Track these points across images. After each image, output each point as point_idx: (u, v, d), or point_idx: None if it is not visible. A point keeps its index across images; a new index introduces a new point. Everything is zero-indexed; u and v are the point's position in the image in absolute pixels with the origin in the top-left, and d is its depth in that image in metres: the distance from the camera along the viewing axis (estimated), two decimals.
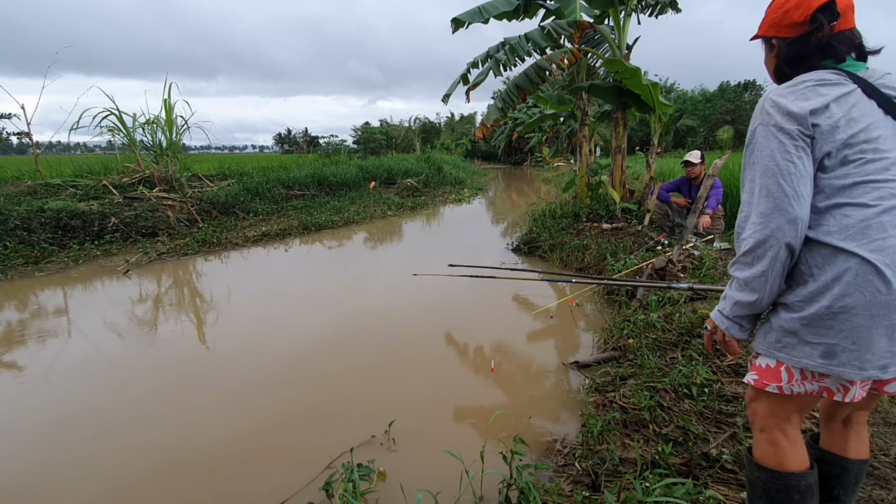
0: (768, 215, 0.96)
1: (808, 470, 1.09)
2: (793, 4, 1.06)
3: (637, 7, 6.23)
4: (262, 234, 6.71)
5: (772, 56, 1.15)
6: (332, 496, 1.60)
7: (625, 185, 6.52)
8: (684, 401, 2.00)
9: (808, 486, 1.08)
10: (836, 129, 0.96)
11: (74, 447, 2.06)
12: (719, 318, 1.10)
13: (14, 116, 8.00)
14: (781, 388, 1.04)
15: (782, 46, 1.10)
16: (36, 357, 2.98)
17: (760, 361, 1.09)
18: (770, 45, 1.15)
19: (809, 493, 1.09)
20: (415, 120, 34.24)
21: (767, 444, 1.11)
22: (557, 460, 1.84)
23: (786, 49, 1.10)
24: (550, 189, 13.39)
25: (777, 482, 1.09)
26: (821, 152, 0.98)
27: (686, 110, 27.69)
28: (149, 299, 4.12)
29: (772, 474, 1.10)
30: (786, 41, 1.09)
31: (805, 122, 0.96)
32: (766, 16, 1.14)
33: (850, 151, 0.97)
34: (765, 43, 1.18)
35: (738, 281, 1.04)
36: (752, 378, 1.10)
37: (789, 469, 1.08)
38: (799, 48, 1.07)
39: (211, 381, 2.65)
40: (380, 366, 2.79)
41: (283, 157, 17.44)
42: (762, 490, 1.13)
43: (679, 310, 2.83)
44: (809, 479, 1.09)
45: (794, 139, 0.97)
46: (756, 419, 1.13)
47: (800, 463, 1.09)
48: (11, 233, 5.43)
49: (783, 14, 1.07)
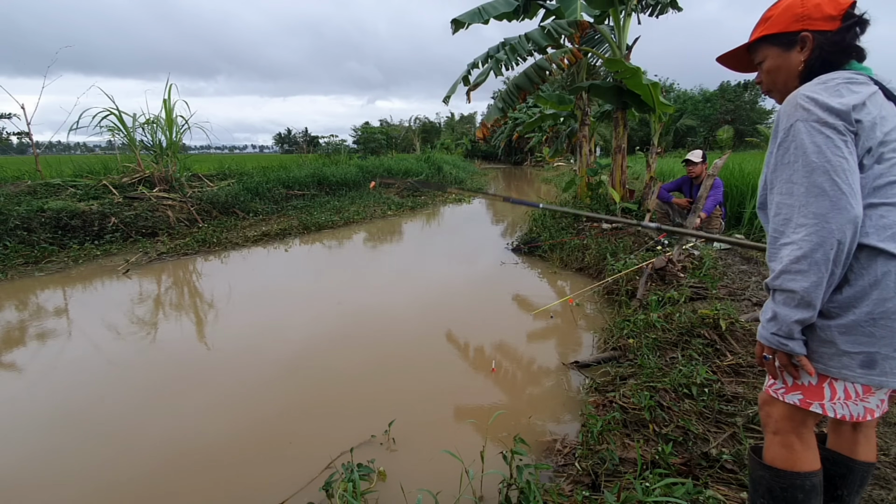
0: (825, 215, 0.89)
1: (816, 470, 1.06)
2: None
3: (637, 7, 6.23)
4: (262, 233, 6.71)
5: (797, 53, 1.07)
6: (332, 496, 1.60)
7: (625, 185, 6.52)
8: (684, 401, 2.00)
9: (812, 486, 1.06)
10: (875, 127, 0.94)
11: (74, 447, 2.06)
12: (777, 342, 0.97)
13: (14, 116, 8.01)
14: (824, 406, 0.98)
15: (820, 40, 1.03)
16: (35, 357, 2.97)
17: (803, 380, 1.00)
18: (792, 41, 1.07)
19: (814, 493, 1.06)
20: (415, 120, 34.22)
21: (781, 446, 1.07)
22: (557, 460, 1.84)
23: (827, 42, 1.03)
24: (550, 189, 13.40)
25: (783, 481, 1.07)
26: (862, 149, 0.94)
27: (686, 110, 27.71)
28: (149, 299, 4.12)
29: (777, 473, 1.07)
30: (825, 34, 1.03)
31: (849, 117, 0.92)
32: (780, 14, 1.09)
33: (886, 150, 0.94)
34: (778, 43, 1.10)
35: (793, 295, 0.92)
36: (797, 398, 1.01)
37: (800, 470, 1.05)
38: (839, 41, 1.02)
39: (211, 380, 2.65)
40: (380, 365, 2.79)
41: (283, 157, 17.46)
42: (766, 489, 1.10)
43: (679, 310, 2.83)
44: (815, 479, 1.06)
45: (841, 134, 0.91)
46: (770, 422, 1.08)
47: (811, 464, 1.06)
48: (11, 233, 5.43)
49: (813, 7, 1.03)
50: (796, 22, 1.05)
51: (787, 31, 1.07)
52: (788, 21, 1.07)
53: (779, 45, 1.10)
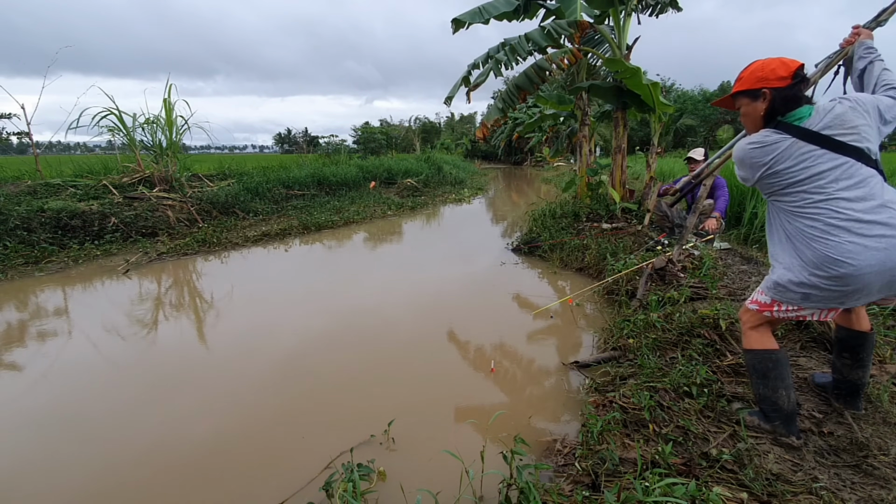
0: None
1: (776, 349, 1.71)
2: (776, 64, 1.55)
3: (637, 7, 6.23)
4: (262, 234, 6.71)
5: (762, 103, 1.58)
6: (332, 496, 1.60)
7: (625, 185, 6.52)
8: (684, 400, 2.00)
9: (777, 359, 1.70)
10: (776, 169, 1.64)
11: (73, 447, 2.06)
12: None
13: (14, 116, 8.01)
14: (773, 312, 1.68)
15: (776, 94, 1.54)
16: (35, 357, 2.97)
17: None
18: (757, 95, 1.58)
19: (780, 365, 1.70)
20: (415, 120, 34.27)
21: (752, 336, 1.75)
22: (557, 460, 1.84)
23: (780, 95, 1.54)
24: (550, 189, 13.40)
25: (756, 357, 1.74)
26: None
27: (686, 110, 27.70)
28: (148, 299, 4.12)
29: (754, 353, 1.74)
30: (779, 90, 1.54)
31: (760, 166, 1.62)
32: (748, 76, 1.60)
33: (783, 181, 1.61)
34: (748, 96, 1.61)
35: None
36: (755, 307, 1.75)
37: (765, 348, 1.72)
38: (789, 94, 1.54)
39: (210, 380, 2.65)
40: (379, 365, 2.79)
41: (283, 157, 17.45)
42: (751, 367, 1.78)
43: (679, 310, 2.83)
44: (778, 354, 1.71)
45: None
46: (745, 323, 1.78)
47: (771, 345, 1.72)
48: (11, 232, 5.43)
49: (770, 71, 1.55)
50: (758, 82, 1.57)
51: (753, 89, 1.58)
52: (753, 81, 1.58)
53: (748, 97, 1.61)
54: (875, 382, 2.03)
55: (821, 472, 1.57)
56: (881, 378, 2.06)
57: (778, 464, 1.59)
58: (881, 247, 1.42)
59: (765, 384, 1.73)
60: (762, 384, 1.74)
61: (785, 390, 1.70)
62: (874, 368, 2.13)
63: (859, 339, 1.78)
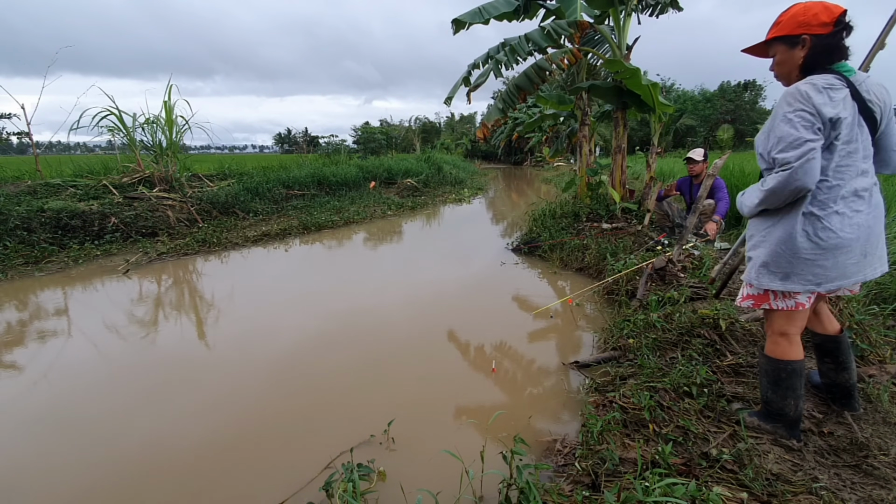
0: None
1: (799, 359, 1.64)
2: (820, 8, 1.39)
3: (637, 7, 6.23)
4: (262, 234, 6.71)
5: (800, 51, 1.44)
6: (332, 496, 1.60)
7: (625, 185, 6.52)
8: (684, 400, 2.00)
9: (794, 370, 1.63)
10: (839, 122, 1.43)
11: (73, 447, 2.06)
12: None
13: (14, 116, 8.01)
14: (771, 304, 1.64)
15: (816, 41, 1.40)
16: (34, 357, 2.97)
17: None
18: (795, 42, 1.44)
19: (796, 374, 1.63)
20: (415, 120, 34.25)
21: (774, 343, 1.67)
22: (557, 460, 1.84)
23: (821, 43, 1.40)
24: (550, 189, 13.40)
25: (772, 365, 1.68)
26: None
27: (686, 110, 27.70)
28: (148, 299, 4.12)
29: (769, 359, 1.69)
30: (820, 37, 1.39)
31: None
32: (787, 20, 1.45)
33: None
34: (785, 42, 1.46)
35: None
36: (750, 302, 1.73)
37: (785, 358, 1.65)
38: (831, 43, 1.39)
39: (210, 380, 2.65)
40: (379, 365, 2.79)
41: (283, 157, 17.45)
42: (763, 370, 1.72)
43: (679, 310, 2.83)
44: (796, 365, 1.63)
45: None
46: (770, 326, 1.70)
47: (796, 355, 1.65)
48: (11, 232, 5.43)
49: (812, 16, 1.40)
50: (798, 27, 1.42)
51: (792, 34, 1.44)
52: (793, 26, 1.44)
53: (786, 44, 1.47)
54: (875, 382, 2.03)
55: (821, 472, 1.57)
56: (881, 378, 2.06)
57: (778, 464, 1.59)
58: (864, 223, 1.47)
59: (774, 390, 1.69)
60: (771, 389, 1.70)
61: (794, 399, 1.66)
62: (874, 368, 2.14)
63: (833, 342, 1.78)
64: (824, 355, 1.82)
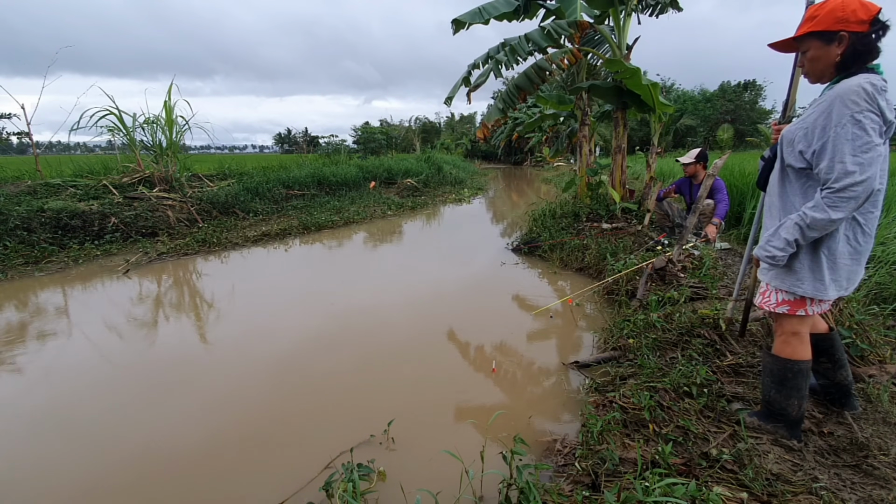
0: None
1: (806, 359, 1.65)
2: (857, 5, 1.34)
3: (637, 7, 6.23)
4: (262, 233, 6.71)
5: (836, 48, 1.38)
6: (331, 496, 1.60)
7: (625, 185, 6.52)
8: (684, 400, 2.00)
9: (800, 370, 1.64)
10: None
11: (72, 447, 2.06)
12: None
13: (14, 116, 8.01)
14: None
15: (854, 39, 1.35)
16: (34, 357, 2.97)
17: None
18: (832, 38, 1.38)
19: (802, 374, 1.65)
20: (415, 120, 34.24)
21: (784, 343, 1.67)
22: (557, 460, 1.84)
23: (858, 41, 1.35)
24: (550, 189, 13.40)
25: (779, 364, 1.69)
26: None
27: (686, 110, 27.71)
28: (148, 299, 4.12)
29: (776, 359, 1.69)
30: (858, 35, 1.34)
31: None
32: (826, 15, 1.38)
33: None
34: (821, 38, 1.39)
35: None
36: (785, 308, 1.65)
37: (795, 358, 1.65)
38: (868, 41, 1.35)
39: (210, 380, 2.65)
40: (379, 365, 2.78)
41: (282, 157, 17.46)
42: (768, 370, 1.72)
43: (679, 310, 2.83)
44: (803, 365, 1.64)
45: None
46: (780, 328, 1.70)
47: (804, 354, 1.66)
48: (11, 232, 5.43)
49: (850, 13, 1.34)
50: (837, 23, 1.36)
51: (829, 30, 1.37)
52: (831, 22, 1.37)
53: (821, 40, 1.40)
54: (875, 382, 2.03)
55: (821, 472, 1.57)
56: (881, 378, 2.06)
57: (778, 464, 1.59)
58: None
59: (778, 390, 1.68)
60: (775, 389, 1.69)
61: (798, 400, 1.66)
62: (874, 368, 2.14)
63: (827, 340, 1.80)
64: (820, 355, 1.82)
